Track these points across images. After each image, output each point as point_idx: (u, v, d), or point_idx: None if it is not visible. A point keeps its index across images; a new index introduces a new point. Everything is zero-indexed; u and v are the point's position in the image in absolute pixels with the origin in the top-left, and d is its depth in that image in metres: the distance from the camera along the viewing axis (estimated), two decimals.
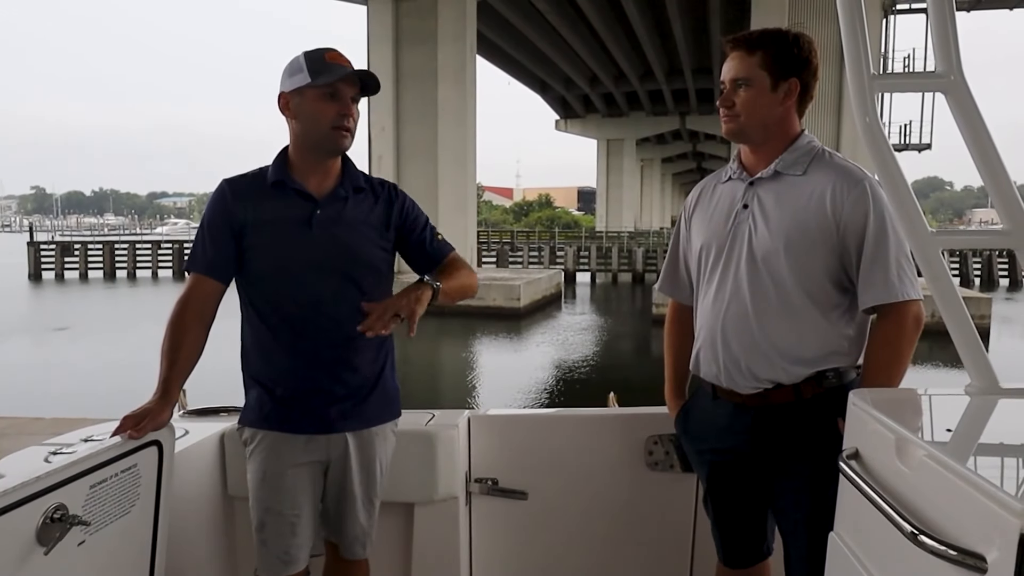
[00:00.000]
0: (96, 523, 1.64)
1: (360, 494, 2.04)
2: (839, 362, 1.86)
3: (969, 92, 1.59)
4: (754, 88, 1.86)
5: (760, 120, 1.89)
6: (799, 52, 1.86)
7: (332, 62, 1.91)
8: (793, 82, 1.87)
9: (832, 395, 1.82)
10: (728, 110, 1.91)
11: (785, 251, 1.84)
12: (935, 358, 12.74)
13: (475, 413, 2.56)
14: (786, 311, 1.86)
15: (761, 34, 1.88)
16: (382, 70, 24.05)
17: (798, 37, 1.88)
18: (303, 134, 1.96)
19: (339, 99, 1.91)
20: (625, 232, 45.28)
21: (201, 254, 1.97)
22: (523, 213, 67.32)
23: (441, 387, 14.65)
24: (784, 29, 1.91)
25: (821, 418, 1.82)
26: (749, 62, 1.86)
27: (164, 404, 1.83)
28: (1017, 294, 30.26)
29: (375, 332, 1.77)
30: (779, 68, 1.85)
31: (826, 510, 1.67)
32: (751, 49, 1.86)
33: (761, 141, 1.93)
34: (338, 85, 1.90)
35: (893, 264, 1.79)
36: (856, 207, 1.81)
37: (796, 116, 1.92)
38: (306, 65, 1.90)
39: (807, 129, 1.97)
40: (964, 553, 1.06)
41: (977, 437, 1.53)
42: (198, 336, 1.92)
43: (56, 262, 36.60)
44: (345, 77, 1.90)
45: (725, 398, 1.95)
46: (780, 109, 1.88)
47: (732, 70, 1.89)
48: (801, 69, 1.87)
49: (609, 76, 40.26)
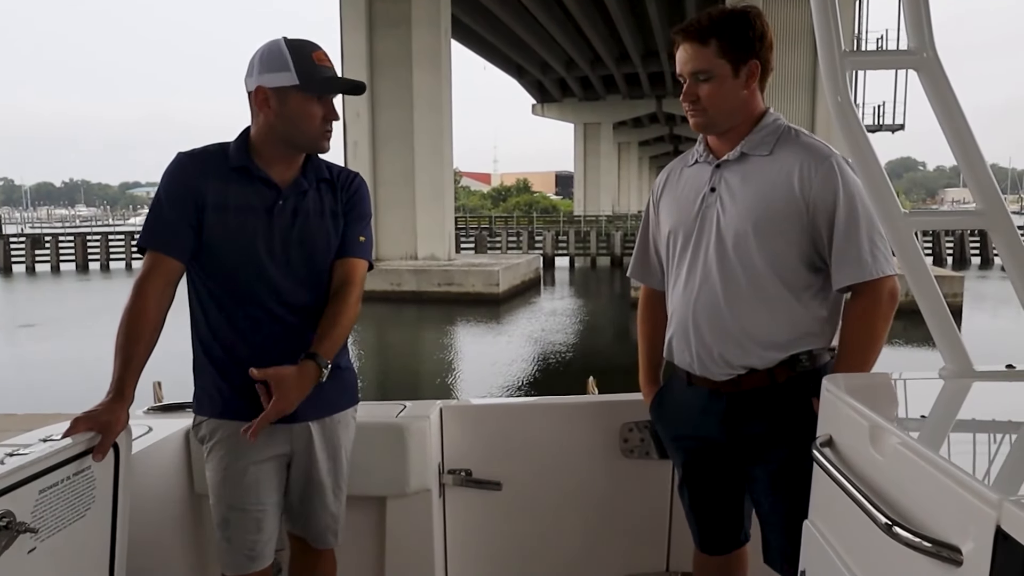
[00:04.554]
0: (47, 529, 1.57)
1: (329, 483, 2.01)
2: (812, 344, 1.84)
3: (942, 69, 1.56)
4: (716, 79, 1.80)
5: (727, 110, 1.85)
6: (752, 32, 1.80)
7: (321, 65, 1.86)
8: (753, 64, 1.82)
9: (806, 378, 1.81)
10: (693, 105, 1.85)
11: (754, 233, 1.81)
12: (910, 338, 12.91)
13: (447, 403, 2.52)
14: (757, 295, 1.83)
15: (711, 21, 1.80)
16: (355, 55, 23.81)
17: (747, 15, 1.81)
18: (282, 132, 1.89)
19: (326, 103, 1.88)
20: (603, 216, 45.36)
21: (161, 229, 1.87)
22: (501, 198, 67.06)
23: (420, 376, 14.58)
24: (731, 9, 1.85)
25: (795, 402, 1.81)
26: (705, 53, 1.80)
27: (119, 407, 1.74)
28: (989, 272, 30.68)
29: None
30: (737, 53, 1.79)
31: (802, 495, 1.65)
32: (704, 39, 1.79)
33: (729, 127, 1.89)
34: None
35: (865, 241, 1.76)
36: (824, 185, 1.78)
37: (760, 95, 1.88)
38: (293, 64, 1.82)
39: (782, 112, 1.94)
40: (939, 545, 1.03)
41: (951, 423, 1.50)
42: (156, 327, 1.84)
43: (27, 255, 35.95)
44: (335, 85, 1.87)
45: (699, 384, 1.93)
46: (744, 93, 1.84)
47: (689, 63, 1.82)
48: (758, 48, 1.82)
49: (585, 60, 40.16)
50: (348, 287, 1.95)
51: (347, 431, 2.06)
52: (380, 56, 24.21)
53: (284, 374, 1.77)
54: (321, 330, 1.88)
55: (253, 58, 1.88)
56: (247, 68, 1.89)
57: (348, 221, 2.01)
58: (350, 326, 1.96)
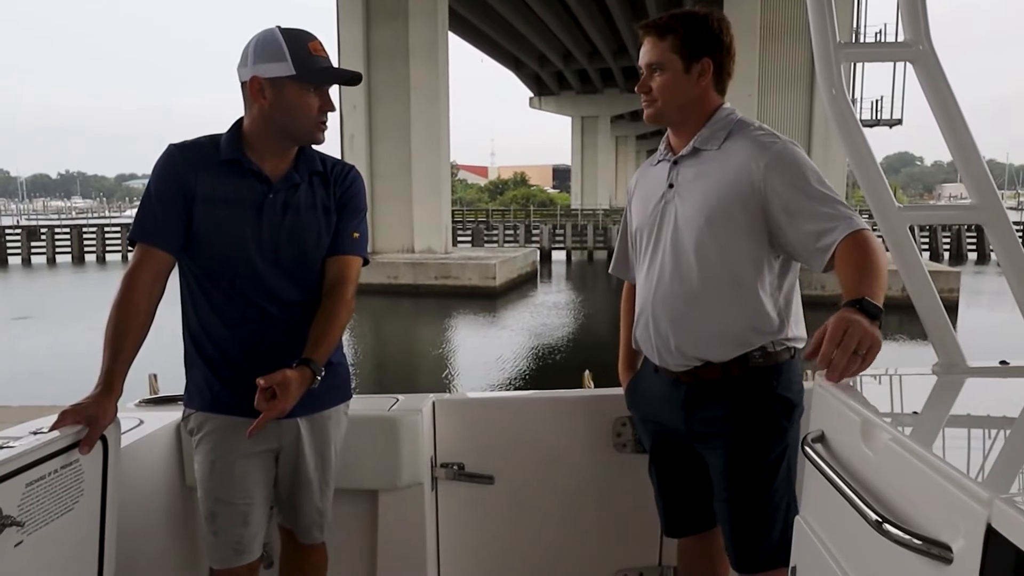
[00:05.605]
0: (34, 523, 1.56)
1: (316, 479, 2.00)
2: (766, 339, 1.87)
3: (938, 62, 1.55)
4: (667, 72, 1.89)
5: (676, 103, 1.92)
6: (708, 32, 1.89)
7: (317, 55, 1.83)
8: (706, 62, 1.89)
9: (760, 373, 1.87)
10: (647, 95, 1.94)
11: (707, 227, 1.86)
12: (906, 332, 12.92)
13: (440, 397, 2.51)
14: (711, 288, 1.87)
15: (670, 18, 1.90)
16: (352, 46, 23.71)
17: (707, 17, 1.90)
18: (278, 123, 1.86)
19: (322, 94, 1.86)
20: (600, 209, 45.32)
21: (151, 223, 1.86)
22: (498, 192, 67.04)
23: (417, 369, 14.58)
24: (694, 11, 1.92)
25: (749, 393, 1.87)
26: (661, 47, 1.89)
27: (107, 400, 1.73)
28: (985, 267, 30.73)
29: None
30: (690, 50, 1.88)
31: (748, 480, 1.85)
32: (662, 34, 1.89)
33: (680, 122, 1.96)
34: None
35: (820, 217, 1.73)
36: (771, 172, 1.79)
37: (714, 93, 1.94)
38: (289, 54, 1.79)
39: (779, 109, 1.94)
40: (929, 542, 1.02)
41: (943, 419, 1.50)
42: (146, 320, 1.83)
43: (22, 247, 35.84)
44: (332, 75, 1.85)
45: (663, 373, 2.01)
46: (696, 90, 1.90)
47: (646, 55, 1.92)
48: (713, 48, 1.89)
49: (583, 53, 40.05)
50: (342, 286, 1.93)
51: (337, 427, 2.05)
52: (377, 48, 24.12)
53: (289, 378, 1.73)
54: (315, 335, 1.86)
55: (247, 47, 1.85)
56: (240, 58, 1.86)
57: (342, 217, 1.98)
58: (344, 327, 1.94)
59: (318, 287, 1.94)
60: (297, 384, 1.75)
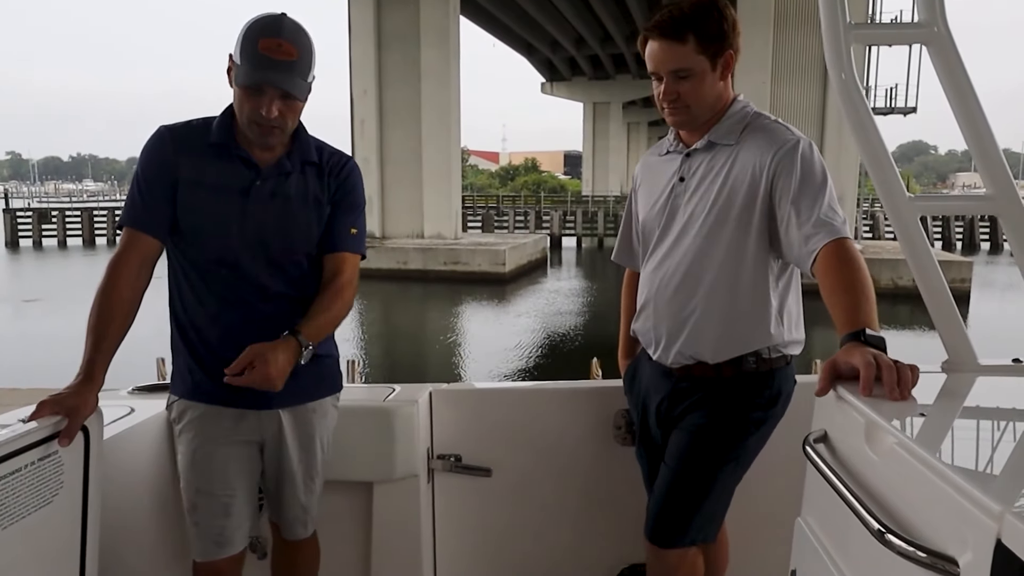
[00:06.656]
0: (10, 516, 1.52)
1: (299, 473, 1.95)
2: (762, 343, 1.83)
3: (953, 44, 1.48)
4: (697, 76, 1.77)
5: (708, 104, 1.82)
6: (721, 20, 1.76)
7: (263, 54, 1.67)
8: (728, 54, 1.80)
9: (751, 378, 1.84)
10: (673, 103, 1.81)
11: (717, 225, 1.80)
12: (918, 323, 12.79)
13: (437, 387, 2.47)
14: (714, 290, 1.84)
15: (684, 16, 1.75)
16: (363, 31, 23.62)
17: (716, 5, 1.77)
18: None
19: (261, 95, 1.70)
20: (611, 196, 45.13)
21: (140, 207, 1.80)
22: (509, 178, 66.90)
23: (426, 356, 14.58)
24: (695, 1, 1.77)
25: (734, 397, 1.85)
26: (683, 51, 1.75)
27: (88, 390, 1.67)
28: (998, 257, 30.46)
29: None
30: (713, 46, 1.76)
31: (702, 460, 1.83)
32: (681, 36, 1.75)
33: (707, 120, 1.86)
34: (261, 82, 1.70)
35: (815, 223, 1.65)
36: (781, 170, 1.72)
37: (729, 83, 1.85)
38: (240, 45, 1.70)
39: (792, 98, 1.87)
40: (934, 555, 0.96)
41: (952, 422, 1.42)
42: (131, 309, 1.78)
43: (34, 229, 36.08)
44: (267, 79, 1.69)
45: (658, 363, 1.99)
46: (720, 86, 1.82)
47: (668, 61, 1.77)
48: (731, 37, 1.78)
49: (595, 37, 39.75)
50: (339, 282, 1.87)
51: (324, 420, 1.99)
52: (388, 32, 24.00)
53: (263, 348, 1.65)
54: (310, 313, 1.81)
55: None
56: None
57: (339, 212, 1.91)
58: (339, 318, 1.88)
59: (307, 280, 1.88)
60: (273, 352, 1.65)
